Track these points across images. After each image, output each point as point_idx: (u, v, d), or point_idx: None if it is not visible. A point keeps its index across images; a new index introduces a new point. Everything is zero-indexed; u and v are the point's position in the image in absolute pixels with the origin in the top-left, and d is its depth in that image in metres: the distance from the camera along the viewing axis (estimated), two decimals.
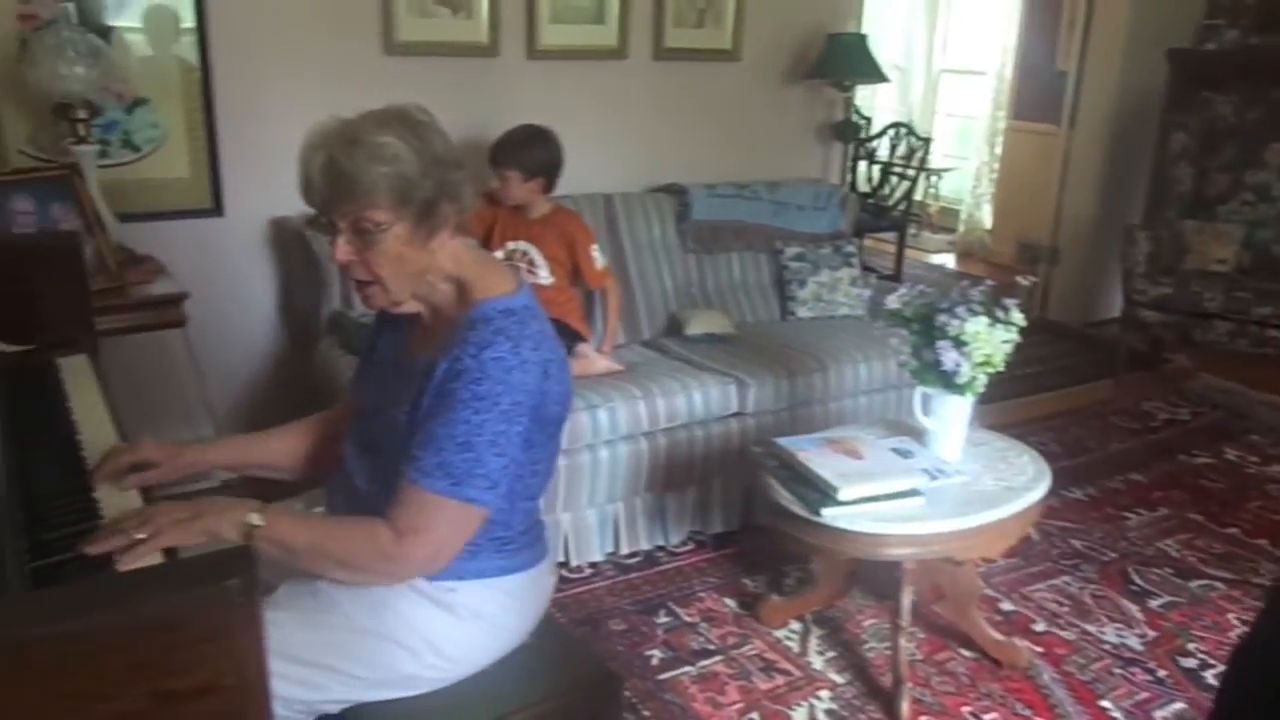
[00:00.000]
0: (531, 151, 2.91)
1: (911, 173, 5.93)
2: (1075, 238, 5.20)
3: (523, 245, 2.98)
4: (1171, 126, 4.56)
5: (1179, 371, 4.50)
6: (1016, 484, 2.33)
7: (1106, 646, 2.55)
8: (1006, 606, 2.71)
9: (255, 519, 1.33)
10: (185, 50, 2.86)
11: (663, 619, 2.60)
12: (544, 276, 2.96)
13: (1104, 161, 5.05)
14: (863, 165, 6.27)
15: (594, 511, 2.81)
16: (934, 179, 7.34)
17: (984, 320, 2.28)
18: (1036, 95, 6.17)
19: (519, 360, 1.39)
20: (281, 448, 1.73)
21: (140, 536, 1.24)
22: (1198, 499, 3.37)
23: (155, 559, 1.22)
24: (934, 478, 2.28)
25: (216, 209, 3.00)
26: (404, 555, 1.37)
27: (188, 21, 2.84)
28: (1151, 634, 2.61)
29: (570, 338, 2.93)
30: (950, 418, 2.39)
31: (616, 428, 2.75)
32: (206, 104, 2.92)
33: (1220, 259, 4.20)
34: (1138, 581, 2.86)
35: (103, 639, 0.83)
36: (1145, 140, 4.85)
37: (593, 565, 2.83)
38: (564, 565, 2.79)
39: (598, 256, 3.07)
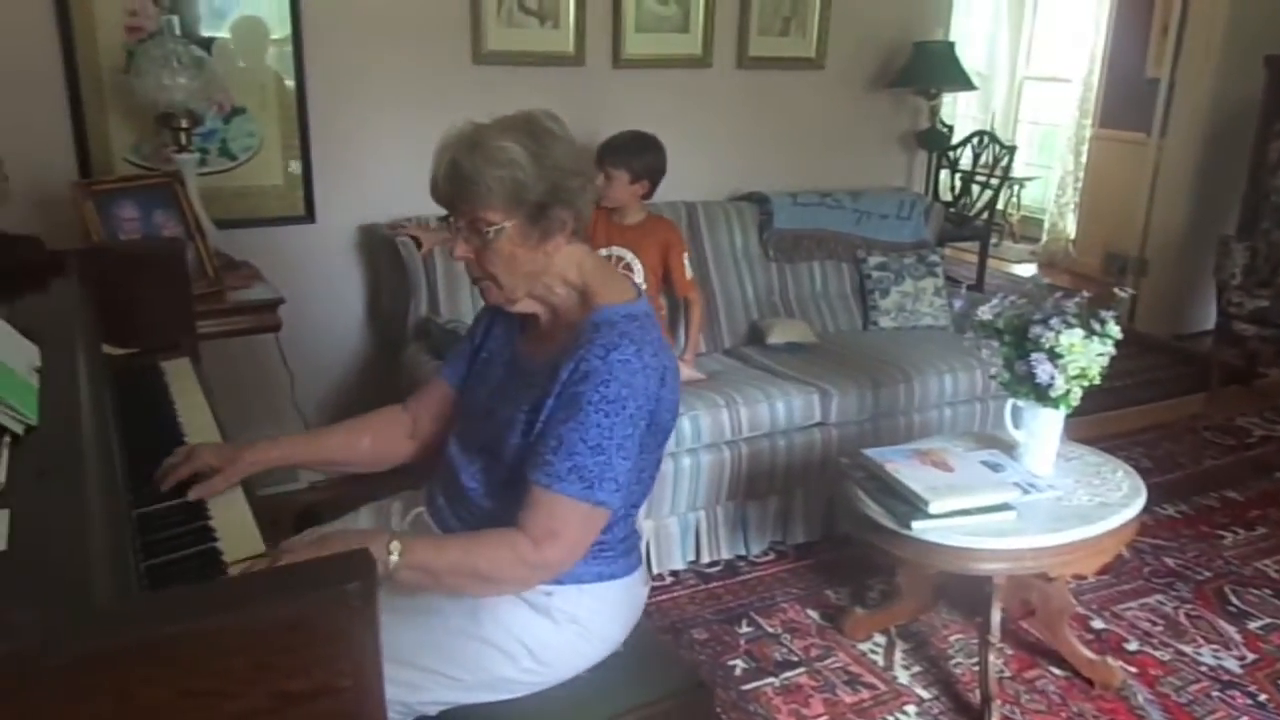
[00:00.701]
0: (642, 155, 2.96)
1: (994, 181, 5.83)
2: (1165, 248, 5.05)
3: (619, 251, 3.00)
4: (1270, 135, 4.40)
5: (1275, 386, 4.35)
6: (1111, 500, 2.28)
7: (1204, 668, 2.47)
8: (1098, 625, 2.64)
9: (395, 548, 1.33)
10: (280, 61, 2.94)
11: (745, 629, 2.59)
12: (640, 280, 2.97)
13: (1196, 171, 4.90)
14: (945, 174, 6.18)
15: (676, 519, 2.82)
16: (1016, 188, 7.20)
17: (1079, 332, 2.23)
18: (1125, 103, 6.02)
19: (642, 364, 1.42)
20: (344, 442, 1.75)
21: None
22: None
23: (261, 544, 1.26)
24: (1026, 492, 2.24)
25: (309, 215, 3.08)
26: (542, 561, 1.40)
27: (279, 33, 2.91)
28: (1251, 656, 2.52)
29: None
30: (1042, 431, 2.35)
31: (699, 436, 2.75)
32: (300, 113, 2.99)
33: None
34: (1235, 602, 2.76)
35: (228, 639, 0.85)
36: (1241, 149, 4.68)
37: (674, 574, 2.84)
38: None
39: (689, 266, 3.09)
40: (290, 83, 2.96)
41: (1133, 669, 2.45)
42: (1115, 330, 2.27)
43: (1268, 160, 4.36)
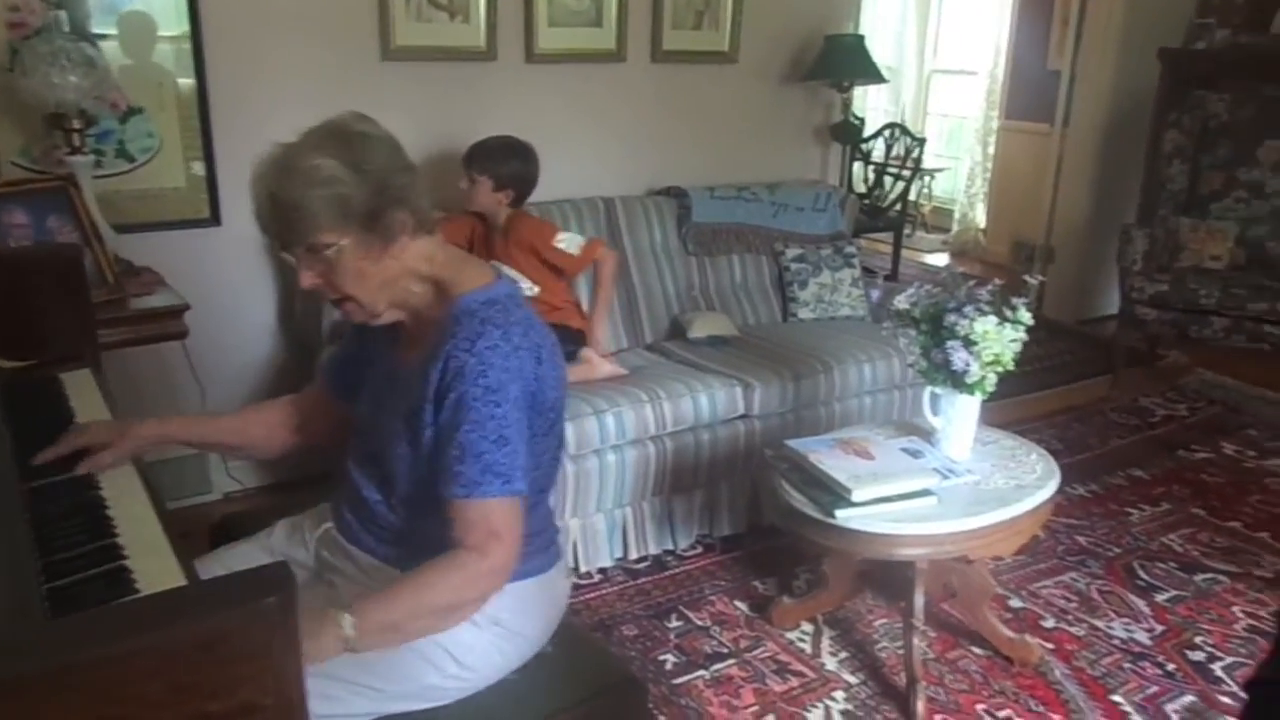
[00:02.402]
0: (508, 162, 2.88)
1: (906, 173, 5.95)
2: (1070, 236, 5.21)
3: (500, 268, 2.95)
4: (1164, 125, 4.57)
5: (1176, 367, 4.53)
6: (1027, 482, 2.33)
7: (1116, 641, 2.55)
8: (1016, 604, 2.71)
9: (347, 621, 1.28)
10: (178, 59, 2.84)
11: (674, 623, 2.60)
12: (528, 289, 2.91)
13: (1098, 160, 5.07)
14: (858, 166, 6.28)
15: (602, 517, 2.80)
16: (927, 179, 7.36)
17: (992, 320, 2.28)
18: (1029, 95, 6.20)
19: (512, 347, 1.39)
20: (243, 426, 1.75)
21: None
22: (1198, 494, 3.38)
23: (181, 577, 1.21)
24: (945, 477, 2.28)
25: (214, 219, 2.98)
26: (492, 567, 1.37)
27: (175, 29, 2.80)
28: (1159, 628, 2.61)
29: (572, 341, 2.92)
30: (960, 417, 2.39)
31: (624, 432, 2.74)
32: (202, 113, 2.89)
33: (1215, 256, 4.22)
34: (1143, 576, 2.86)
35: (142, 662, 0.82)
36: (1139, 139, 4.86)
37: (602, 571, 2.82)
38: (574, 571, 2.77)
39: (567, 242, 2.96)
40: (189, 81, 2.86)
41: (1050, 645, 2.52)
42: (1026, 317, 2.33)
43: (1163, 150, 4.53)
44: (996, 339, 2.28)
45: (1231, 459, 3.68)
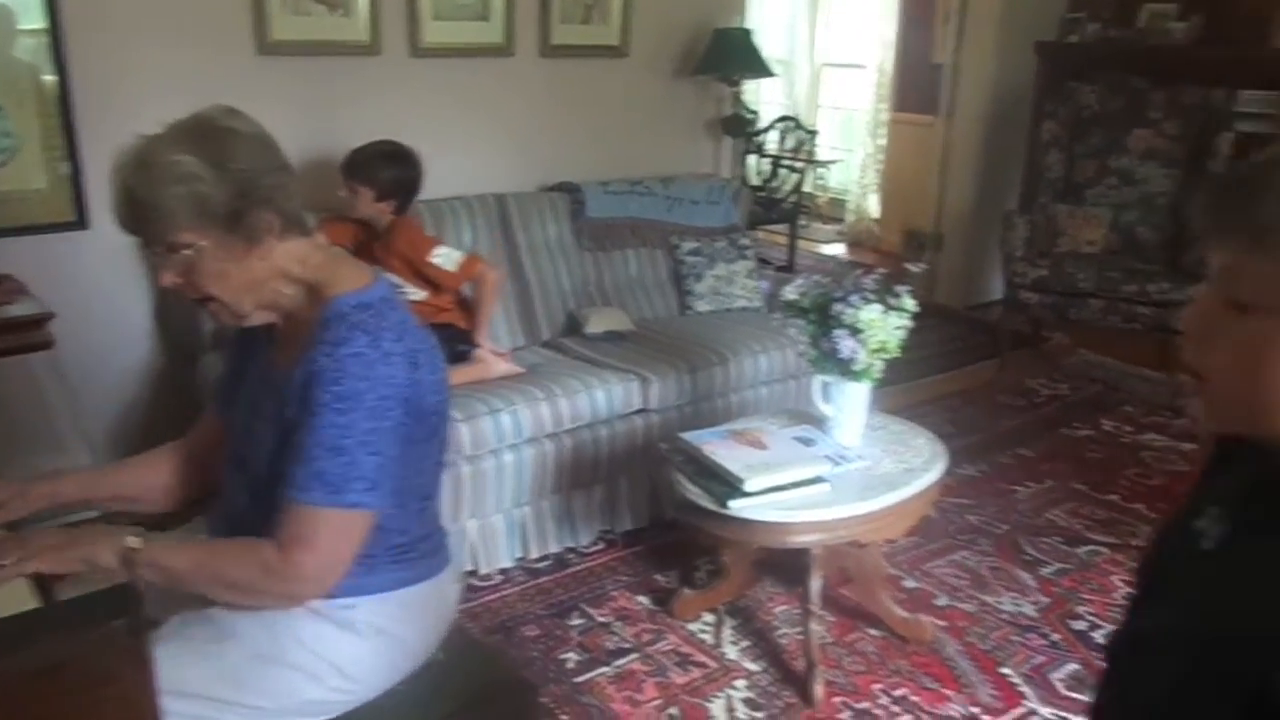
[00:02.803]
0: (389, 170, 2.80)
1: (800, 165, 6.03)
2: (957, 224, 5.36)
3: (387, 276, 2.89)
4: (1042, 116, 4.74)
5: (1058, 349, 4.70)
6: (915, 465, 2.39)
7: (1004, 615, 2.64)
8: (910, 584, 2.77)
9: (133, 542, 1.27)
10: (36, 53, 2.69)
11: (576, 621, 2.58)
12: (413, 293, 2.84)
13: (981, 151, 5.23)
14: (752, 159, 6.35)
15: (501, 517, 2.77)
16: (821, 171, 7.48)
17: (878, 308, 2.33)
18: (915, 88, 6.35)
19: (380, 354, 1.35)
20: (136, 477, 1.66)
21: (7, 562, 1.17)
22: (1080, 469, 3.51)
23: (32, 601, 1.15)
24: (836, 464, 2.32)
25: (80, 222, 2.84)
26: (292, 572, 1.31)
27: (32, 23, 2.66)
28: (1045, 600, 2.71)
29: (463, 341, 2.88)
30: (849, 404, 2.44)
31: (520, 431, 2.71)
32: (64, 111, 2.75)
33: (1091, 241, 4.39)
34: (1030, 551, 2.96)
35: None
36: (1019, 129, 5.04)
37: (502, 572, 2.79)
38: (473, 574, 2.74)
39: (444, 258, 2.86)
40: (50, 77, 2.72)
41: (942, 623, 2.59)
42: (910, 304, 2.38)
43: (1041, 140, 4.69)
44: (882, 326, 2.32)
45: (1110, 435, 3.83)
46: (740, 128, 4.30)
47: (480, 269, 2.91)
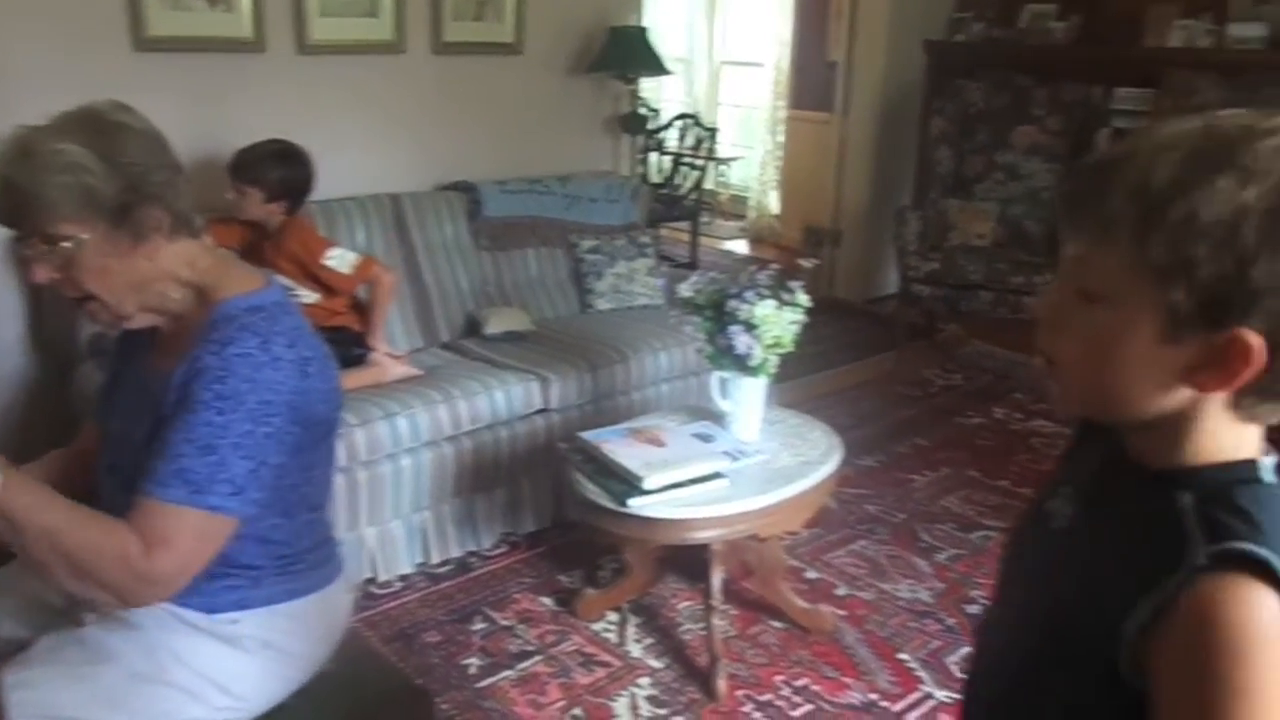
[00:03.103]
0: (278, 170, 2.72)
1: (700, 163, 6.07)
2: (854, 220, 5.47)
3: (280, 279, 2.81)
4: (931, 113, 4.88)
5: (951, 340, 4.84)
6: (812, 458, 2.43)
7: (902, 602, 2.70)
8: (811, 575, 2.82)
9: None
10: None
11: (479, 625, 2.55)
12: (306, 296, 2.76)
13: (875, 147, 5.34)
14: (654, 156, 6.38)
15: (400, 522, 2.72)
16: (722, 168, 7.56)
17: (772, 303, 2.35)
18: (811, 85, 6.46)
19: (269, 357, 1.31)
20: None
21: None
22: (973, 457, 3.62)
23: None
24: (735, 459, 2.34)
25: None
26: (151, 571, 1.24)
27: None
28: (940, 586, 2.78)
29: (359, 345, 2.82)
30: (747, 400, 2.46)
31: (418, 434, 2.67)
32: None
33: (980, 234, 4.53)
34: (926, 538, 3.04)
35: None
36: (911, 126, 5.17)
37: (403, 578, 2.74)
38: (372, 581, 2.68)
39: (338, 260, 2.80)
40: None
41: (842, 612, 2.64)
42: (804, 299, 2.42)
43: (931, 135, 4.83)
44: (776, 322, 2.35)
45: (1001, 423, 3.96)
46: (639, 125, 4.31)
47: (375, 271, 2.86)
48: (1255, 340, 0.66)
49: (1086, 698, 0.75)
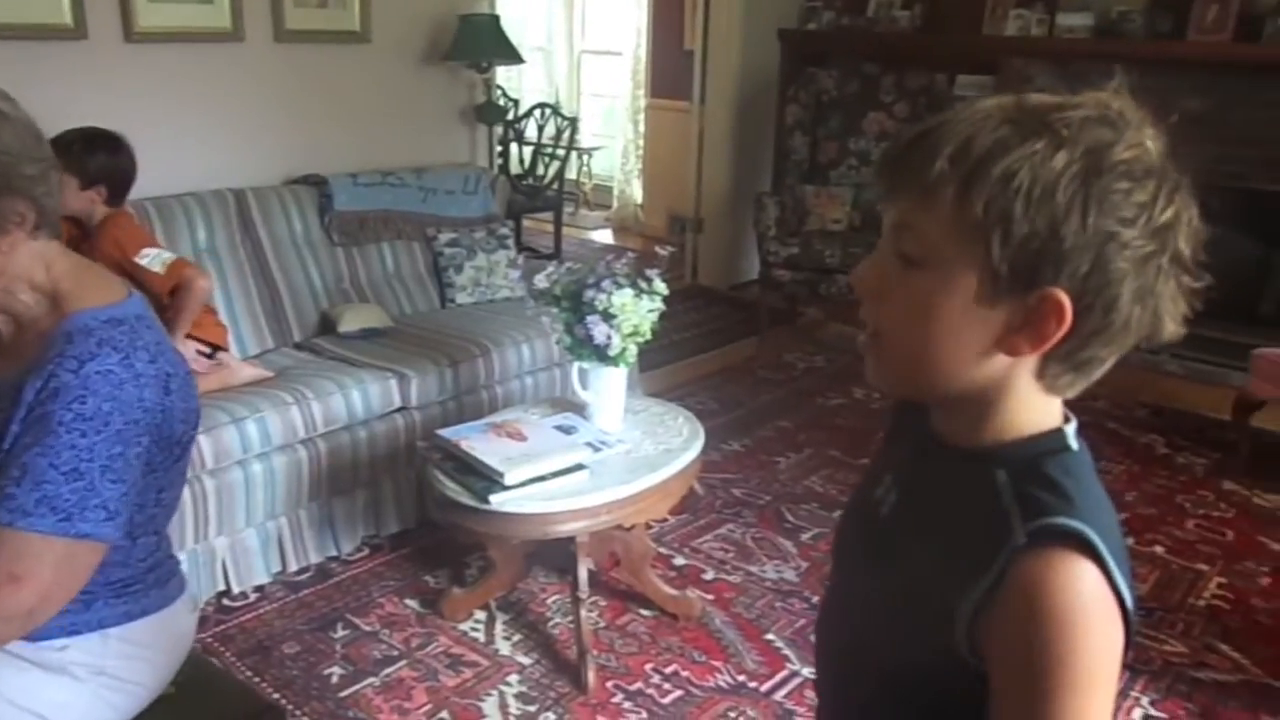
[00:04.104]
0: (95, 155, 2.56)
1: (561, 153, 6.04)
2: (716, 207, 5.54)
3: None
4: (786, 100, 4.97)
5: (811, 324, 4.95)
6: (674, 446, 2.44)
7: (768, 583, 2.74)
8: (679, 561, 2.84)
9: None
10: None
11: (340, 633, 2.47)
12: None
13: (733, 135, 5.41)
14: (515, 147, 6.31)
15: (253, 531, 2.61)
16: (585, 158, 7.54)
17: (629, 292, 2.35)
18: (670, 74, 6.49)
19: (132, 374, 1.24)
20: None
21: None
22: (835, 437, 3.72)
23: None
24: (597, 450, 2.33)
25: None
26: (9, 607, 1.16)
27: None
28: (804, 565, 2.84)
29: (204, 346, 2.68)
30: (608, 390, 2.45)
31: (268, 438, 2.56)
32: None
33: (835, 219, 4.65)
34: (790, 519, 3.10)
35: None
36: (768, 114, 5.25)
37: (258, 589, 2.63)
38: (225, 594, 2.57)
39: (151, 259, 2.62)
40: None
41: (710, 596, 2.66)
42: (662, 287, 2.42)
43: (786, 122, 4.92)
44: (634, 310, 2.35)
45: (860, 403, 4.07)
46: (496, 115, 4.25)
47: (189, 273, 2.64)
48: (1064, 299, 0.68)
49: (921, 682, 0.76)
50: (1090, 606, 0.67)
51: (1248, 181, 4.05)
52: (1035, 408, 0.75)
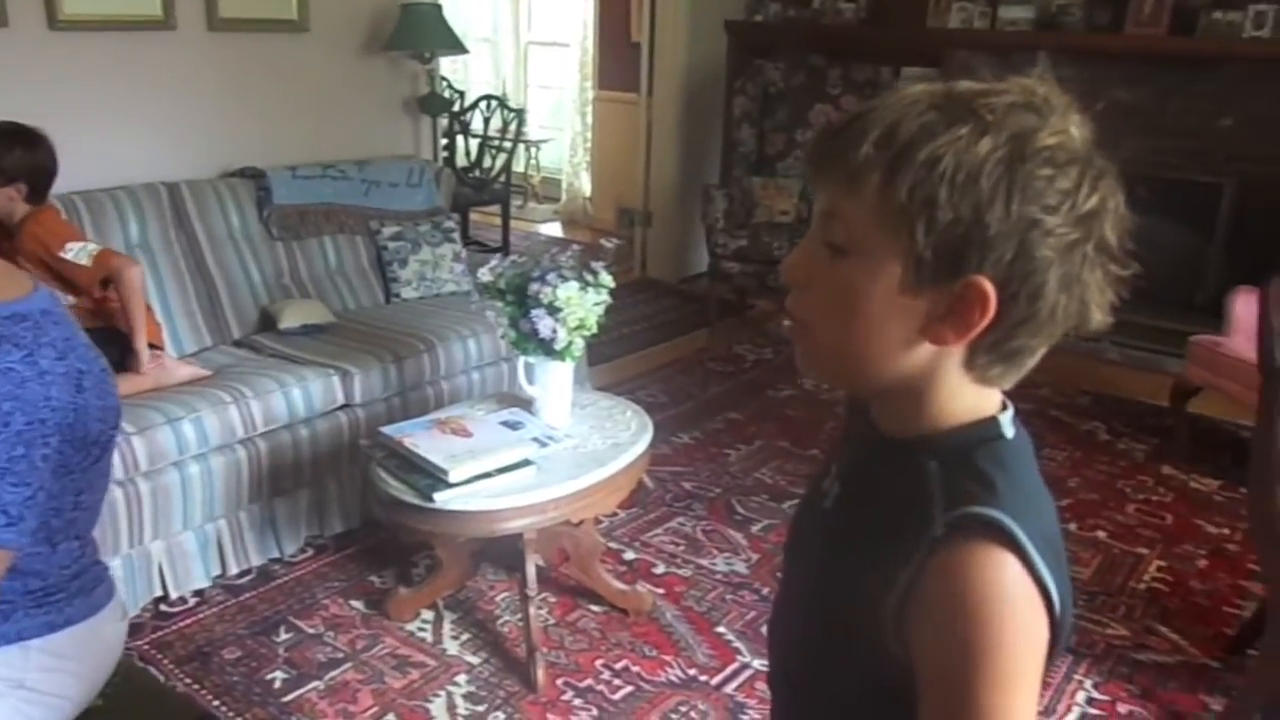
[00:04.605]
0: (13, 152, 2.48)
1: (508, 145, 5.98)
2: (665, 200, 5.52)
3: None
4: (733, 92, 4.97)
5: (761, 316, 4.96)
6: (622, 440, 2.41)
7: (719, 576, 2.74)
8: (630, 556, 2.82)
9: None
10: None
11: (283, 636, 2.42)
12: (66, 299, 2.52)
13: (681, 127, 5.40)
14: (461, 139, 6.24)
15: (191, 534, 2.54)
16: (533, 151, 7.48)
17: (575, 285, 2.32)
18: (618, 66, 6.46)
19: (36, 372, 1.18)
20: None
21: None
22: (784, 428, 3.72)
23: None
24: (544, 445, 2.30)
25: None
26: None
27: None
28: (755, 557, 2.84)
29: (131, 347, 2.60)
30: (554, 384, 2.42)
31: (206, 439, 2.49)
32: None
33: (783, 211, 4.66)
34: (741, 511, 3.10)
35: None
36: (716, 106, 5.24)
37: (198, 593, 2.56)
38: (162, 599, 2.50)
39: (76, 253, 2.55)
40: None
41: (661, 590, 2.65)
42: (608, 279, 2.39)
43: (734, 115, 4.92)
44: (580, 304, 2.32)
45: (810, 394, 4.08)
46: (440, 107, 4.18)
47: (116, 263, 2.56)
48: (988, 287, 0.67)
49: (869, 679, 0.75)
50: (1008, 598, 0.66)
51: (1183, 172, 4.13)
52: (967, 397, 0.74)
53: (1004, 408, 0.76)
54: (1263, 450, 2.05)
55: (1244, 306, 3.30)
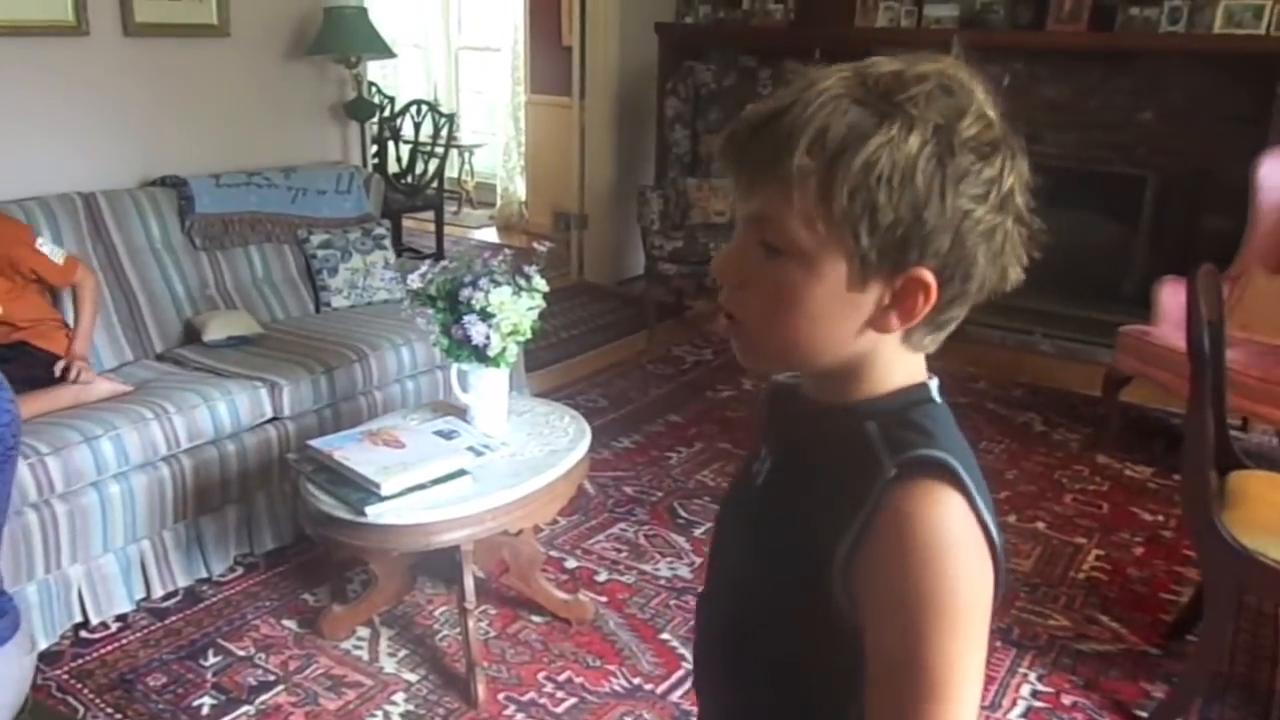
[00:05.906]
0: None
1: (440, 150, 5.89)
2: (600, 203, 5.48)
3: None
4: (666, 94, 4.95)
5: (700, 316, 4.95)
6: (560, 446, 2.37)
7: (662, 581, 2.70)
8: (571, 564, 2.77)
9: None
10: None
11: (212, 660, 2.33)
12: None
13: (614, 130, 5.37)
14: (392, 145, 6.14)
15: (112, 557, 2.44)
16: (466, 156, 7.40)
17: (507, 290, 2.28)
18: (549, 70, 6.41)
19: None
20: None
21: None
22: (725, 429, 3.71)
23: None
24: (479, 454, 2.25)
25: None
26: None
27: None
28: (698, 560, 2.81)
29: (44, 365, 2.50)
30: (489, 391, 2.38)
31: (126, 457, 2.40)
32: None
33: (719, 211, 4.65)
34: (683, 514, 3.07)
35: None
36: (648, 108, 5.22)
37: (120, 618, 2.46)
38: (82, 626, 2.39)
39: (51, 250, 2.58)
40: None
41: (603, 598, 2.61)
42: (541, 284, 2.35)
43: (667, 116, 4.90)
44: (513, 309, 2.27)
45: (750, 394, 4.07)
46: (367, 112, 4.10)
47: (81, 272, 2.59)
48: (930, 277, 0.70)
49: (809, 648, 0.75)
50: (958, 535, 0.68)
51: (1107, 165, 4.21)
52: (902, 366, 0.76)
53: (930, 376, 0.79)
54: (1194, 437, 2.08)
55: (1171, 296, 3.37)
